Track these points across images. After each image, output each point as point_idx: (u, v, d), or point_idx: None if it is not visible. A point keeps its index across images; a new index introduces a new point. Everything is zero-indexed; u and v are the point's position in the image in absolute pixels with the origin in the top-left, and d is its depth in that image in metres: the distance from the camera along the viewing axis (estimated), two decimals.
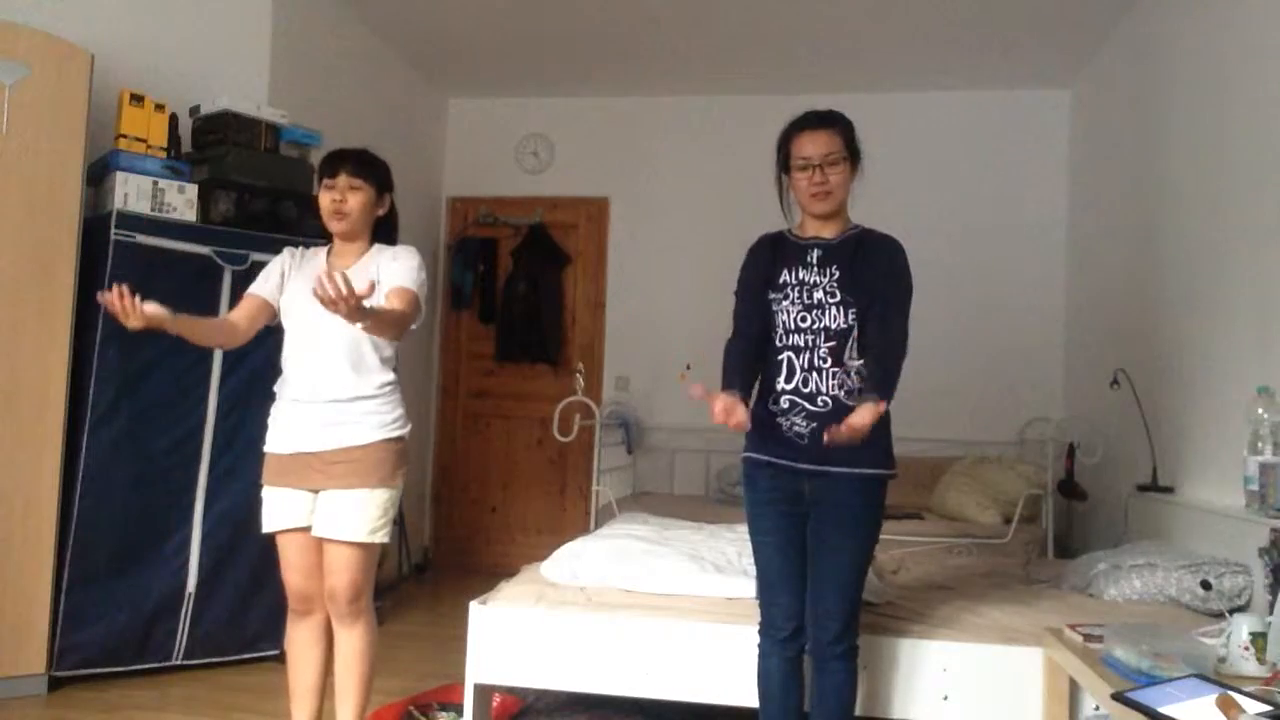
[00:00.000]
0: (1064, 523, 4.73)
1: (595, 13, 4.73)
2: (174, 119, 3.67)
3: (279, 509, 2.52)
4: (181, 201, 3.57)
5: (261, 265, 2.69)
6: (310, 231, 3.79)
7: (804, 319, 2.31)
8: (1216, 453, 3.33)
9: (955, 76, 5.39)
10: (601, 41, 5.12)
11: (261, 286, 2.61)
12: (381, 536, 2.50)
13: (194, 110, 3.83)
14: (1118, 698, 1.87)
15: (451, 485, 6.05)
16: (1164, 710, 1.76)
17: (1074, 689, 2.49)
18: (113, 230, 3.39)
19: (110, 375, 3.39)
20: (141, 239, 3.45)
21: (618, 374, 5.89)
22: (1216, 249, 3.45)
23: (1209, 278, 3.50)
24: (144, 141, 3.54)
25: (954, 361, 5.39)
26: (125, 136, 3.50)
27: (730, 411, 2.14)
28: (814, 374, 2.30)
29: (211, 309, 3.57)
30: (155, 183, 3.51)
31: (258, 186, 3.76)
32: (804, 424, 2.29)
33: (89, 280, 3.41)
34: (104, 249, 3.39)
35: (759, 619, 2.41)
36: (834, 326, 2.30)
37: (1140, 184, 4.27)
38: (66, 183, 3.36)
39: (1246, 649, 2.05)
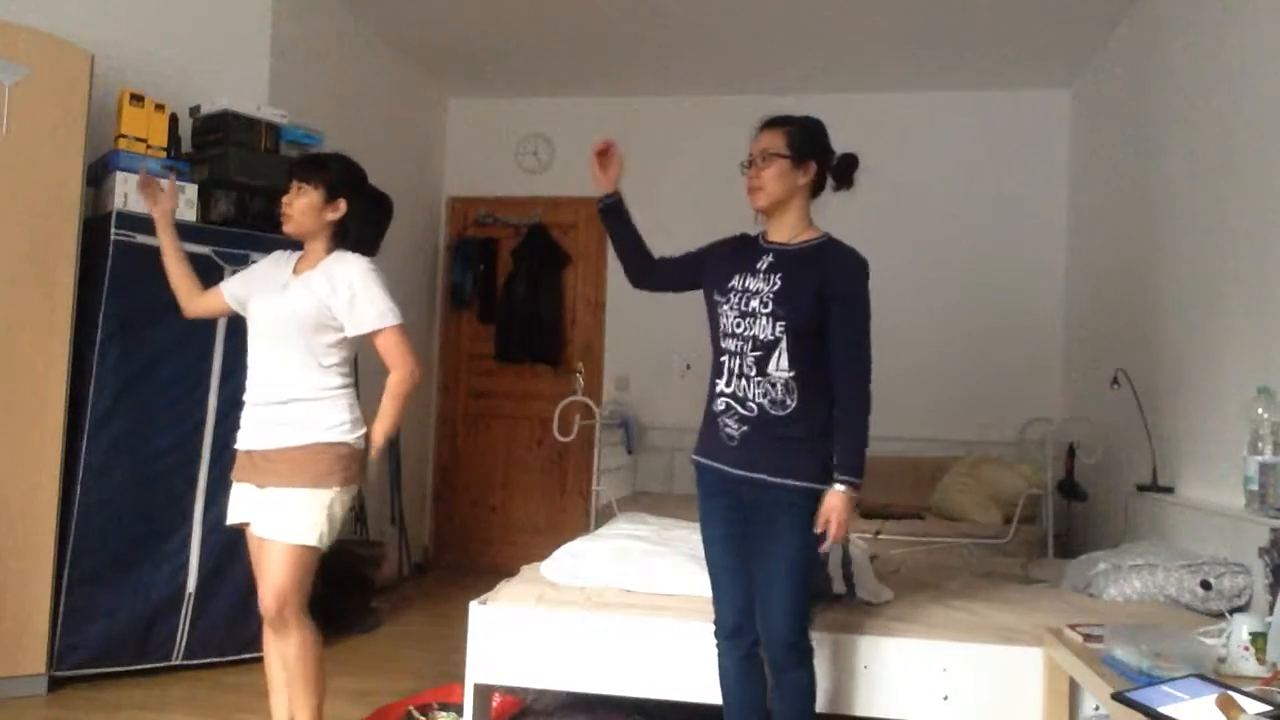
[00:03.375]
0: (1064, 523, 4.73)
1: (595, 13, 4.73)
2: (174, 119, 3.67)
3: (236, 503, 2.58)
4: (181, 201, 3.56)
5: None
6: None
7: (738, 325, 2.34)
8: (1216, 453, 3.33)
9: (955, 76, 5.39)
10: (601, 41, 5.13)
11: (230, 285, 2.70)
12: (308, 539, 2.43)
13: (194, 110, 3.83)
14: (1118, 698, 1.87)
15: (451, 485, 6.05)
16: (1164, 710, 1.76)
17: (1074, 689, 2.49)
18: (113, 230, 3.39)
19: (110, 375, 3.39)
20: (141, 239, 3.44)
21: (618, 374, 5.89)
22: (1216, 249, 3.45)
23: (1209, 278, 3.50)
24: (144, 141, 3.54)
25: (954, 362, 5.39)
26: (125, 136, 3.50)
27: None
28: (742, 380, 2.33)
29: None
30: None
31: (258, 186, 3.76)
32: (735, 427, 2.33)
33: (89, 280, 3.41)
34: (104, 249, 3.39)
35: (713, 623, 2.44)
36: (761, 337, 2.30)
37: (1140, 183, 4.27)
38: (66, 183, 3.36)
39: (1246, 649, 2.05)
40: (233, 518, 2.59)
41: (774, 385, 2.29)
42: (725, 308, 2.37)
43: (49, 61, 3.32)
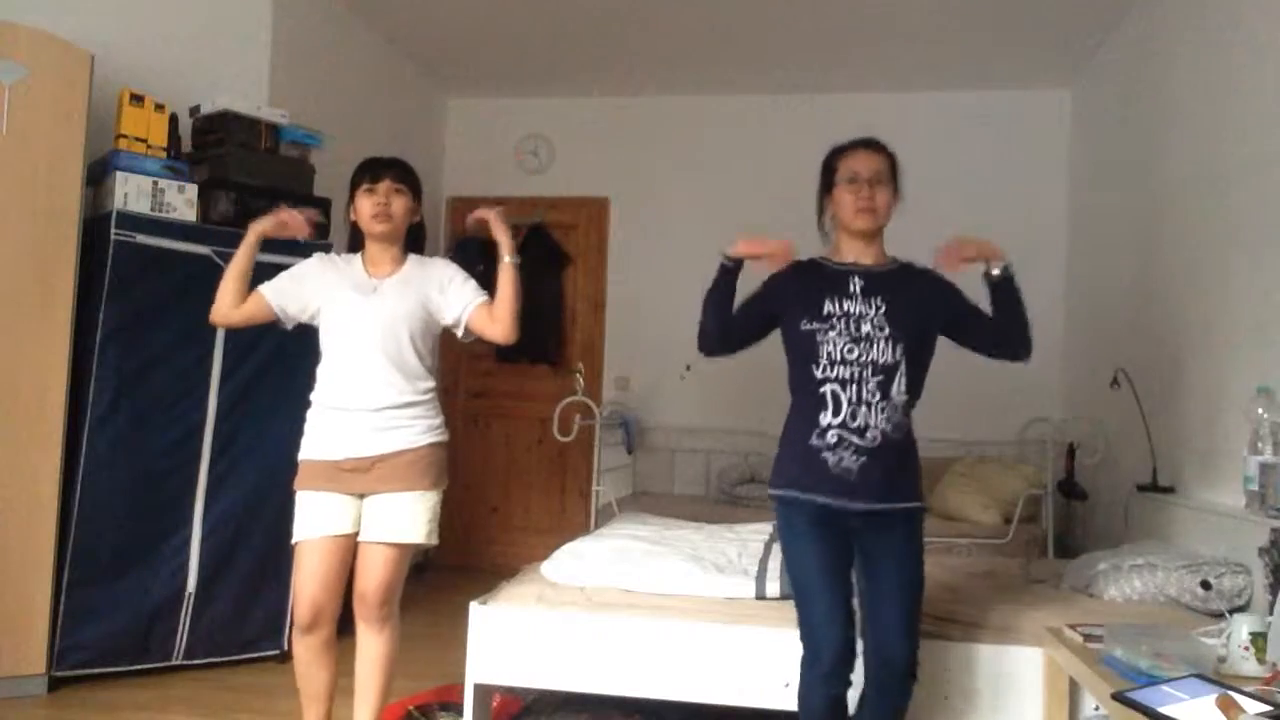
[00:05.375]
0: (1064, 523, 4.73)
1: (595, 13, 4.73)
2: (174, 119, 3.67)
3: (319, 514, 2.50)
4: (181, 201, 3.57)
5: (260, 266, 2.67)
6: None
7: (851, 350, 2.28)
8: (1216, 453, 3.33)
9: (955, 76, 5.39)
10: (601, 41, 5.12)
11: (273, 290, 2.60)
12: (430, 538, 2.55)
13: (194, 110, 3.83)
14: (1118, 698, 1.87)
15: (451, 485, 5.97)
16: (1164, 710, 1.76)
17: (1074, 689, 2.49)
18: (113, 230, 3.39)
19: (110, 375, 3.39)
20: (141, 239, 3.45)
21: (618, 374, 5.88)
22: (1216, 249, 3.45)
23: (1209, 277, 3.50)
24: (144, 141, 3.54)
25: (954, 361, 5.35)
26: (125, 136, 3.50)
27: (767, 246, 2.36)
28: (863, 408, 2.26)
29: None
30: (155, 183, 3.51)
31: (258, 186, 3.76)
32: (854, 459, 2.25)
33: (89, 280, 3.41)
34: (104, 249, 3.39)
35: (801, 657, 2.32)
36: (881, 361, 2.27)
37: (1140, 184, 4.27)
38: (66, 183, 3.36)
39: (1246, 649, 2.05)
40: (314, 531, 2.49)
41: (896, 409, 2.28)
42: (832, 335, 2.29)
43: (49, 61, 3.32)
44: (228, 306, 2.59)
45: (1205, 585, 2.83)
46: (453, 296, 2.59)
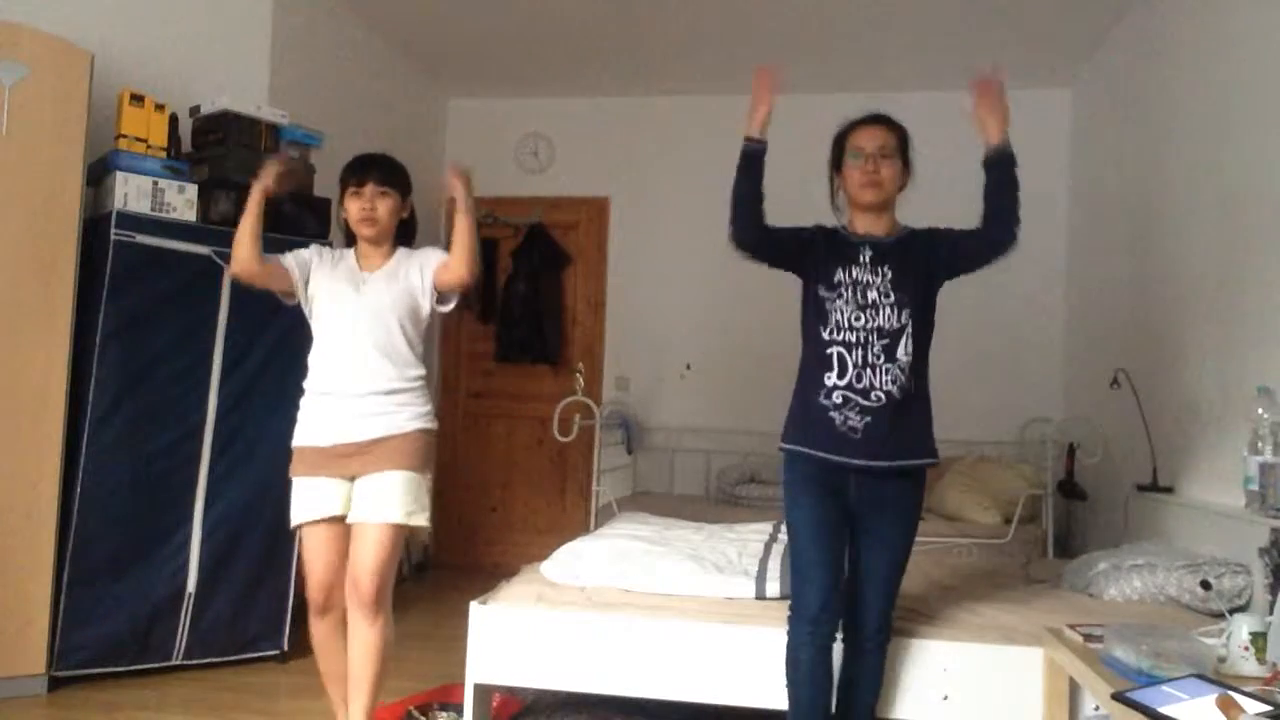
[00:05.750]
0: (1064, 523, 4.73)
1: (595, 12, 4.73)
2: (174, 119, 3.67)
3: (312, 499, 2.57)
4: (181, 201, 3.57)
5: None
6: (310, 231, 3.80)
7: (857, 318, 2.37)
8: (1216, 453, 3.33)
9: (955, 76, 5.37)
10: (601, 41, 5.12)
11: (288, 259, 2.69)
12: (417, 520, 2.56)
13: (194, 110, 3.83)
14: (1118, 698, 1.87)
15: (451, 485, 6.04)
16: (1164, 710, 1.76)
17: (1074, 689, 2.49)
18: (113, 230, 3.39)
19: (110, 375, 3.39)
20: (141, 239, 3.45)
21: (618, 374, 5.88)
22: (1217, 248, 3.45)
23: (1209, 277, 3.50)
24: (144, 141, 3.54)
25: (954, 361, 5.34)
26: (125, 136, 3.50)
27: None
28: (868, 370, 2.35)
29: (211, 309, 3.57)
30: (155, 183, 3.51)
31: None
32: (858, 418, 2.35)
33: (89, 280, 3.41)
34: (104, 249, 3.39)
35: (789, 608, 2.43)
36: (887, 326, 2.36)
37: (1141, 184, 4.27)
38: (66, 183, 3.36)
39: (1246, 649, 2.05)
40: (308, 515, 2.58)
41: (902, 370, 2.35)
42: (839, 303, 2.38)
43: (49, 61, 3.32)
44: (249, 258, 2.60)
45: (1205, 585, 2.83)
46: (427, 270, 2.66)
